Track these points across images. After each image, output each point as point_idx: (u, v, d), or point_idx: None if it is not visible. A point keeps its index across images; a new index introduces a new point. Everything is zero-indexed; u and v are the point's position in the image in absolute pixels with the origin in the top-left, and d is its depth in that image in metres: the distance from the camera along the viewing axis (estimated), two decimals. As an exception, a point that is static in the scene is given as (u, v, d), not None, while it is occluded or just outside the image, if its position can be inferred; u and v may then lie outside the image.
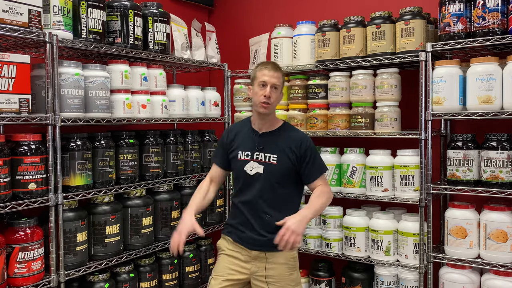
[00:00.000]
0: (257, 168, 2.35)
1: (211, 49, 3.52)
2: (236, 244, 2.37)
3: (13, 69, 2.15)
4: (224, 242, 2.44)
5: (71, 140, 2.50)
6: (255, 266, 2.32)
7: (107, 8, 2.69)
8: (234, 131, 2.48)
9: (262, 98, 2.30)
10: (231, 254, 2.37)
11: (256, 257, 2.32)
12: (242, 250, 2.35)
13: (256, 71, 2.37)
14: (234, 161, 2.41)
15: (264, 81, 2.31)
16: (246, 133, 2.44)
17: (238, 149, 2.41)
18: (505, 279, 2.55)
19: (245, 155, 2.38)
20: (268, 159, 2.35)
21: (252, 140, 2.39)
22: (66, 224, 2.42)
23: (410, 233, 2.84)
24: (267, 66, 2.35)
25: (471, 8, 2.59)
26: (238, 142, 2.42)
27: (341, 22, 3.13)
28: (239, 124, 2.52)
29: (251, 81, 2.41)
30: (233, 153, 2.42)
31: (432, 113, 2.69)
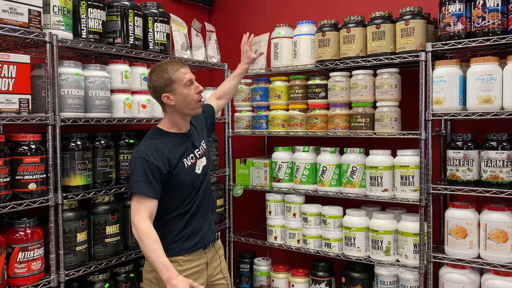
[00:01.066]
0: (201, 163, 2.30)
1: (211, 49, 3.53)
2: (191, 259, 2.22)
3: (13, 69, 2.15)
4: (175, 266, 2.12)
5: (71, 140, 2.50)
6: (211, 269, 2.34)
7: (107, 8, 2.69)
8: (158, 150, 2.14)
9: (198, 96, 2.19)
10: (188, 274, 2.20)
11: (211, 258, 2.34)
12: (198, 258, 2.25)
13: (171, 74, 2.15)
14: (181, 173, 2.19)
15: (190, 79, 2.17)
16: (175, 142, 2.22)
17: (182, 158, 2.21)
18: (505, 279, 2.55)
19: (190, 158, 2.25)
20: (203, 148, 2.35)
21: (187, 142, 2.27)
22: (66, 224, 2.42)
23: (410, 233, 2.84)
24: (178, 64, 2.18)
25: (471, 8, 2.59)
26: (176, 154, 2.19)
27: (341, 22, 3.13)
28: (156, 143, 2.17)
29: (165, 88, 2.15)
30: (178, 167, 2.18)
31: (432, 113, 2.69)
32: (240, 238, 3.60)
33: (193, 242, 2.25)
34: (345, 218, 3.10)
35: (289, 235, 3.36)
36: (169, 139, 2.22)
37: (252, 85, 3.58)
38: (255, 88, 3.52)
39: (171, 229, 2.22)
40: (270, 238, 3.46)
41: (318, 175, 3.18)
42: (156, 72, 2.19)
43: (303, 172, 3.23)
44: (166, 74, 2.16)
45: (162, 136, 2.23)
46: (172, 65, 2.18)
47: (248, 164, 3.52)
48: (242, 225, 3.87)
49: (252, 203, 3.89)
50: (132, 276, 2.81)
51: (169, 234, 2.21)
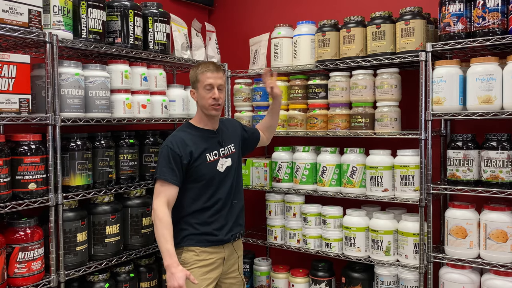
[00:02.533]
0: (225, 162, 2.42)
1: (211, 49, 3.53)
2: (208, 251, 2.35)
3: (13, 69, 2.15)
4: (190, 254, 2.35)
5: (71, 140, 2.50)
6: (227, 265, 2.44)
7: (107, 8, 2.69)
8: (183, 141, 2.34)
9: (212, 101, 2.35)
10: (203, 264, 2.34)
11: (229, 255, 2.43)
12: (216, 252, 2.37)
13: (198, 74, 2.36)
14: (203, 166, 2.34)
15: (210, 83, 2.33)
16: (201, 136, 2.40)
17: (205, 152, 2.36)
18: (505, 279, 2.55)
19: (214, 155, 2.39)
20: (230, 150, 2.48)
21: (213, 138, 2.43)
22: (66, 224, 2.42)
23: (410, 233, 2.84)
24: (209, 67, 2.35)
25: (471, 8, 2.59)
26: (200, 148, 2.36)
27: (341, 22, 3.13)
28: (183, 133, 2.38)
29: (193, 84, 2.40)
30: (199, 160, 2.34)
31: (432, 113, 2.69)
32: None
33: (213, 238, 2.36)
34: (345, 218, 3.10)
35: (289, 235, 3.36)
36: (195, 133, 2.40)
37: (252, 85, 3.58)
38: (255, 88, 3.52)
39: (192, 222, 2.36)
40: (270, 238, 3.46)
41: (318, 175, 3.18)
42: (194, 67, 2.43)
43: (303, 172, 3.23)
44: (195, 72, 2.39)
45: (190, 129, 2.42)
46: (204, 65, 2.38)
47: (248, 164, 3.52)
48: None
49: (252, 203, 3.89)
50: (132, 276, 2.81)
51: (190, 226, 2.36)
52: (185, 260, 2.34)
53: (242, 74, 3.59)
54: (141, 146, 2.94)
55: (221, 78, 2.38)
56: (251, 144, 2.73)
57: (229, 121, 2.67)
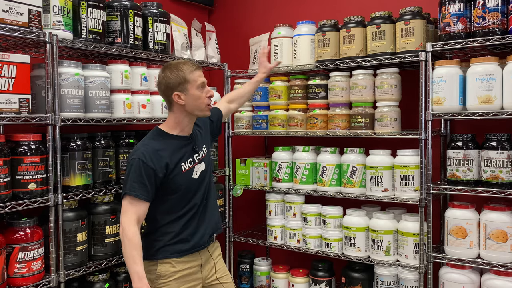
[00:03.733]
0: (199, 168, 2.27)
1: (211, 49, 3.53)
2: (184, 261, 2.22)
3: (13, 69, 2.15)
4: (166, 267, 2.19)
5: (71, 140, 2.50)
6: (206, 270, 2.32)
7: (107, 8, 2.69)
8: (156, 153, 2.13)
9: (208, 100, 2.21)
10: (181, 275, 2.21)
11: (205, 260, 2.32)
12: (192, 260, 2.25)
13: (186, 74, 2.16)
14: (178, 177, 2.18)
15: (203, 82, 2.20)
16: (176, 144, 2.21)
17: (180, 163, 2.19)
18: (505, 279, 2.55)
19: (189, 163, 2.23)
20: (203, 153, 2.34)
21: (187, 146, 2.26)
22: (66, 224, 2.42)
23: (410, 233, 2.84)
24: (194, 65, 2.20)
25: (471, 8, 2.59)
26: (175, 158, 2.18)
27: (341, 22, 3.13)
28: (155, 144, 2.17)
29: (179, 86, 2.15)
30: (175, 171, 2.16)
31: (432, 113, 2.69)
32: (240, 238, 3.60)
33: (188, 246, 2.23)
34: (345, 218, 3.10)
35: (289, 235, 3.36)
36: (169, 142, 2.21)
37: (252, 85, 3.58)
38: (255, 88, 3.52)
39: (166, 232, 2.22)
40: (270, 238, 3.46)
41: (318, 175, 3.18)
42: (171, 69, 2.18)
43: (303, 172, 3.23)
44: (181, 73, 2.16)
45: (163, 138, 2.21)
46: (188, 65, 2.19)
47: (248, 164, 3.52)
48: (242, 225, 3.87)
49: (252, 203, 3.89)
50: (132, 276, 2.80)
51: (164, 236, 2.22)
52: (161, 273, 2.19)
53: (242, 74, 3.59)
54: (141, 146, 2.93)
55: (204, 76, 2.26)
56: (217, 128, 2.59)
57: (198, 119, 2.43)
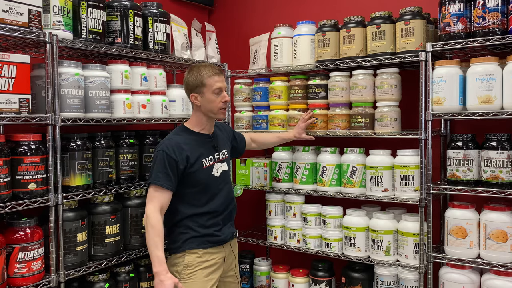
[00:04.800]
0: (220, 167, 2.45)
1: (211, 49, 3.53)
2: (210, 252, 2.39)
3: (13, 69, 2.15)
4: (193, 257, 2.36)
5: (71, 140, 2.50)
6: (227, 265, 2.50)
7: (107, 8, 2.69)
8: (179, 146, 2.34)
9: (222, 105, 2.38)
10: (206, 265, 2.37)
11: (228, 254, 2.48)
12: (217, 252, 2.41)
13: (204, 78, 2.35)
14: (198, 172, 2.36)
15: (219, 87, 2.36)
16: (197, 140, 2.41)
17: (201, 158, 2.37)
18: (505, 279, 2.55)
19: (209, 160, 2.41)
20: (224, 155, 2.52)
21: (208, 143, 2.46)
22: (66, 224, 2.42)
23: (410, 233, 2.84)
24: (214, 71, 2.37)
25: (471, 8, 2.59)
26: (196, 153, 2.37)
27: (341, 22, 3.13)
28: (179, 137, 2.39)
29: (195, 88, 2.38)
30: (195, 166, 2.35)
31: (432, 113, 2.69)
32: (240, 238, 3.60)
33: (214, 238, 2.40)
34: (345, 218, 3.10)
35: (289, 235, 3.36)
36: (191, 137, 2.40)
37: (252, 85, 3.58)
38: (255, 88, 3.52)
39: (192, 225, 2.38)
40: (270, 238, 3.46)
41: (318, 175, 3.18)
42: (193, 71, 2.41)
43: (303, 172, 3.23)
44: (200, 77, 2.36)
45: (186, 133, 2.41)
46: (208, 70, 2.38)
47: (248, 164, 3.52)
48: (242, 225, 3.87)
49: (252, 203, 3.89)
50: (132, 276, 2.81)
51: (190, 229, 2.37)
52: (188, 263, 2.35)
53: (242, 74, 3.59)
54: (141, 146, 2.94)
55: (224, 81, 2.44)
56: (238, 151, 2.87)
57: (223, 126, 2.73)
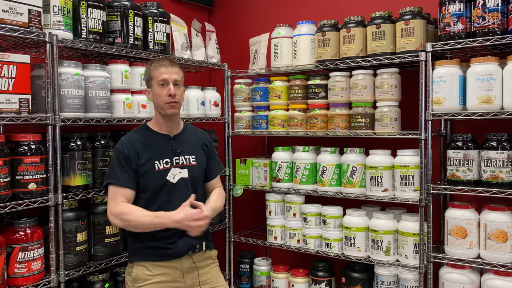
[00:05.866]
0: (179, 173, 2.19)
1: (211, 49, 3.53)
2: (160, 265, 2.15)
3: (13, 69, 2.15)
4: (142, 270, 2.14)
5: (71, 140, 2.50)
6: (188, 279, 2.20)
7: (107, 8, 2.69)
8: (136, 143, 2.17)
9: (168, 98, 2.14)
10: (158, 280, 2.13)
11: (187, 269, 2.19)
12: (170, 268, 2.16)
13: (151, 70, 2.18)
14: (150, 174, 2.14)
15: (164, 79, 2.15)
16: (155, 140, 2.20)
17: (154, 159, 2.15)
18: (505, 279, 2.55)
19: (164, 163, 2.17)
20: (189, 161, 2.24)
21: (167, 145, 2.21)
22: (66, 224, 2.42)
23: (410, 233, 2.84)
24: (163, 62, 2.16)
25: (471, 8, 2.59)
26: (149, 153, 2.16)
27: (341, 22, 3.13)
28: (136, 134, 2.22)
29: (147, 82, 2.22)
30: (146, 166, 2.13)
31: (432, 113, 2.69)
32: (240, 238, 3.60)
33: (165, 252, 2.16)
34: (345, 218, 3.10)
35: (289, 235, 3.36)
36: (149, 136, 2.22)
37: (252, 85, 3.58)
38: (255, 88, 3.52)
39: (143, 235, 2.16)
40: (270, 238, 3.46)
41: (318, 175, 3.18)
42: (148, 64, 2.26)
43: (303, 172, 3.23)
44: (148, 70, 2.22)
45: (145, 131, 2.25)
46: (157, 61, 2.19)
47: (248, 164, 3.52)
48: (242, 225, 3.87)
49: (252, 203, 3.89)
50: (132, 276, 2.80)
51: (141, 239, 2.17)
52: (136, 277, 2.14)
53: (242, 74, 3.59)
54: (141, 146, 2.93)
55: (177, 73, 2.18)
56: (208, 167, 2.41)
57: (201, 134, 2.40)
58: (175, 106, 2.18)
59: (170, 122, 2.24)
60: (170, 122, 2.24)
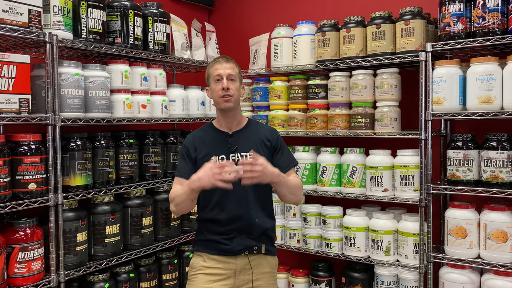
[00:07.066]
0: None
1: (211, 49, 3.53)
2: (216, 259, 2.19)
3: (13, 69, 2.15)
4: (198, 260, 2.23)
5: (71, 140, 2.50)
6: (240, 280, 2.19)
7: (107, 8, 2.69)
8: (196, 139, 2.26)
9: (222, 92, 2.17)
10: (210, 272, 2.18)
11: (241, 269, 2.19)
12: (225, 264, 2.18)
13: (209, 68, 2.25)
14: None
15: (218, 74, 2.19)
16: (213, 137, 2.26)
17: (210, 155, 2.18)
18: (505, 279, 2.55)
19: (220, 159, 2.19)
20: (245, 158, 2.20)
21: (224, 142, 2.24)
22: (66, 224, 2.42)
23: (410, 233, 2.84)
24: (217, 60, 2.24)
25: (471, 8, 2.59)
26: (207, 148, 2.22)
27: (341, 22, 3.13)
28: (200, 131, 2.32)
29: (207, 81, 2.28)
30: (204, 161, 2.13)
31: (432, 113, 2.69)
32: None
33: (220, 247, 2.20)
34: (345, 218, 3.10)
35: (289, 235, 3.36)
36: (210, 133, 2.29)
37: (252, 85, 3.58)
38: (255, 88, 3.52)
39: (206, 228, 2.25)
40: (270, 238, 3.45)
41: (318, 175, 3.18)
42: None
43: (303, 172, 3.23)
44: (207, 69, 2.27)
45: (208, 129, 2.32)
46: (214, 60, 2.27)
47: (248, 164, 3.51)
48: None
49: (252, 203, 3.88)
50: (132, 276, 2.81)
51: (203, 231, 2.26)
52: (192, 265, 2.25)
53: (242, 74, 3.58)
54: (141, 146, 2.94)
55: (232, 69, 2.22)
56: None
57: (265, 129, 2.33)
58: (229, 99, 2.18)
59: (228, 118, 2.25)
60: (228, 118, 2.25)
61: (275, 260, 2.34)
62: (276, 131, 2.37)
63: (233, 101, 2.19)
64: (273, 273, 2.31)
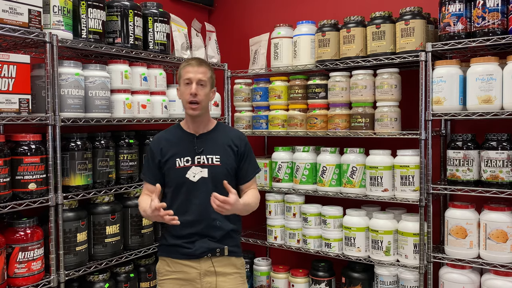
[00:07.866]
0: (200, 172, 2.18)
1: (211, 49, 3.53)
2: (180, 263, 2.19)
3: (13, 69, 2.15)
4: (163, 264, 2.24)
5: (71, 140, 2.50)
6: (206, 283, 2.18)
7: (107, 8, 2.69)
8: (162, 140, 2.25)
9: (189, 97, 2.14)
10: (176, 277, 2.19)
11: (206, 271, 2.18)
12: (188, 267, 2.18)
13: (180, 69, 2.19)
14: (172, 171, 2.18)
15: (188, 78, 2.14)
16: (179, 138, 2.24)
17: (175, 157, 2.19)
18: (505, 279, 2.55)
19: (185, 161, 2.18)
20: (211, 161, 2.20)
21: (190, 143, 2.22)
22: (66, 224, 2.42)
23: (410, 233, 2.84)
24: (190, 62, 2.17)
25: (471, 8, 2.59)
26: (172, 150, 2.21)
27: (341, 22, 3.13)
28: (166, 132, 2.31)
29: (178, 80, 2.24)
30: (169, 163, 2.19)
31: (432, 113, 2.69)
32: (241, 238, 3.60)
33: (181, 251, 2.19)
34: (345, 218, 3.10)
35: (289, 235, 3.36)
36: (177, 134, 2.28)
37: (252, 85, 3.58)
38: (255, 88, 3.52)
39: (169, 231, 2.24)
40: (270, 238, 3.46)
41: (318, 175, 3.18)
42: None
43: (303, 172, 3.23)
44: (180, 68, 2.23)
45: (175, 130, 2.32)
46: (187, 61, 2.23)
47: (248, 164, 3.52)
48: (242, 225, 3.86)
49: (252, 203, 3.88)
50: (132, 276, 2.81)
51: (167, 234, 2.26)
52: (158, 270, 2.25)
53: (242, 74, 3.59)
54: (141, 146, 2.94)
55: (203, 73, 2.15)
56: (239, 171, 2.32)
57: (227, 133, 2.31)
58: (196, 108, 2.15)
59: (195, 122, 2.24)
60: (195, 122, 2.24)
61: (241, 261, 2.31)
62: (244, 136, 2.34)
63: (200, 108, 2.17)
64: (240, 273, 2.28)
